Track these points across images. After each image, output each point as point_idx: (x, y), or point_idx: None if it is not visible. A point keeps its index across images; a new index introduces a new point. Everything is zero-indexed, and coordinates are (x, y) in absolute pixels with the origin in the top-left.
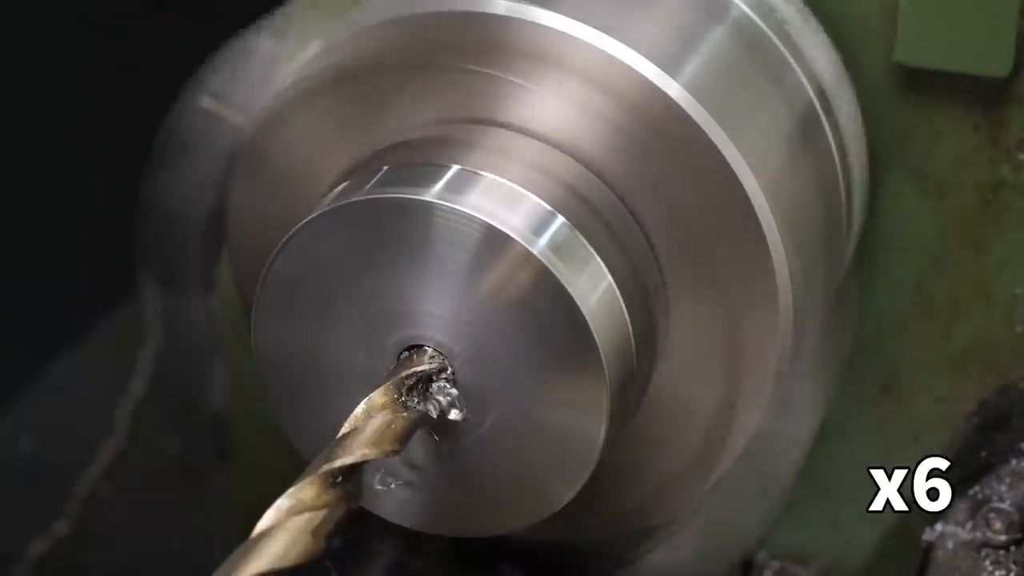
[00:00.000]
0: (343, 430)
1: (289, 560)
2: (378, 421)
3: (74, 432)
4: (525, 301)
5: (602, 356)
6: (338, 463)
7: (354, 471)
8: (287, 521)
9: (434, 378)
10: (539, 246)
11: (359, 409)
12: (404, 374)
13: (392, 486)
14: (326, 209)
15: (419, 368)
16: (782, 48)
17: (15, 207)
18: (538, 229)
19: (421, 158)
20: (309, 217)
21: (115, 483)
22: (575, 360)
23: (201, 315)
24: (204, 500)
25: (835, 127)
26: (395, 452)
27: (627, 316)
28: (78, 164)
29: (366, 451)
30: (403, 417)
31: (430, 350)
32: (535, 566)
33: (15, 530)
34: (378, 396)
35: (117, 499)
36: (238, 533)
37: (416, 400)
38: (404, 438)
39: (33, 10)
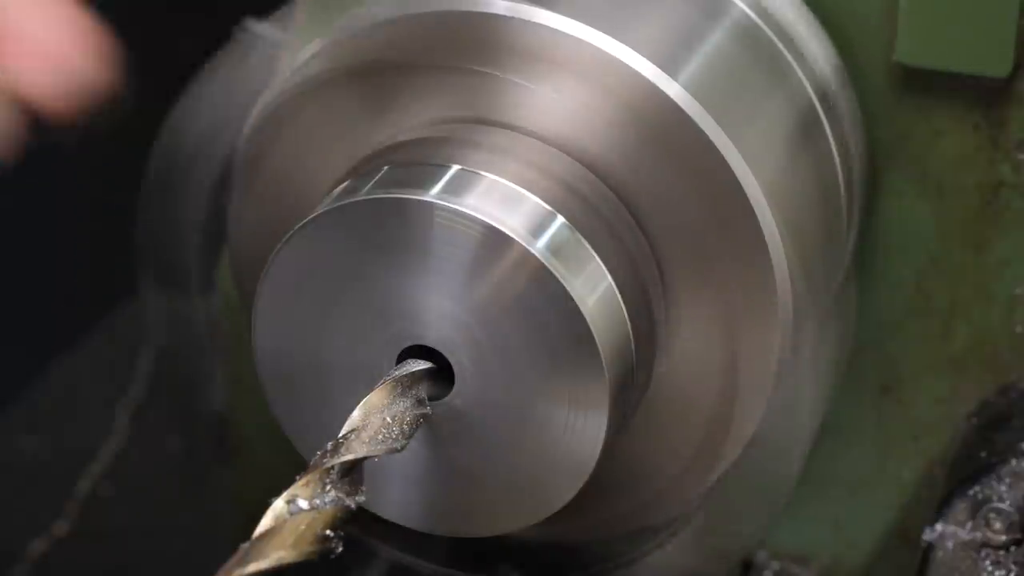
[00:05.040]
0: (344, 430)
1: (291, 557)
2: (378, 419)
3: (74, 432)
4: (525, 301)
5: (602, 356)
6: (339, 460)
7: (355, 468)
8: (289, 519)
9: (433, 378)
10: (539, 246)
11: (356, 411)
12: (403, 373)
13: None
14: (326, 209)
15: (418, 368)
16: (782, 48)
17: (15, 207)
18: (538, 229)
19: (421, 158)
20: (309, 217)
21: (115, 483)
22: (575, 360)
23: (201, 315)
24: (204, 500)
25: (835, 127)
26: (397, 450)
27: (627, 316)
28: (78, 164)
29: (367, 448)
30: (404, 415)
31: (430, 350)
32: (535, 566)
33: (15, 530)
34: (375, 396)
35: (117, 499)
36: (238, 533)
37: (415, 399)
38: (406, 435)
39: None
